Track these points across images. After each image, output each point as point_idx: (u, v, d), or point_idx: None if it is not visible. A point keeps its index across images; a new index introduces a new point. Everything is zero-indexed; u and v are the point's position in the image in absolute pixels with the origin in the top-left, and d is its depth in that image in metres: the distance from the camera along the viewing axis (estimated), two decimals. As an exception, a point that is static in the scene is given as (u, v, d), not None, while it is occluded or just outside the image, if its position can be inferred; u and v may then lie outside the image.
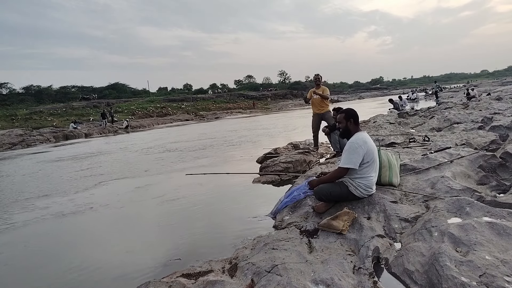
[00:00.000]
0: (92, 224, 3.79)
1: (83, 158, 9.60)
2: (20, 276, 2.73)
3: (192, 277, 2.11)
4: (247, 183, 4.92)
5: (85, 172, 7.19)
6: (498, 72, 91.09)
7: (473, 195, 2.74)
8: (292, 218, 2.95)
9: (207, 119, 27.69)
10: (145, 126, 23.53)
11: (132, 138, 15.61)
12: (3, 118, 24.43)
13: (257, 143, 9.35)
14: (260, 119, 22.04)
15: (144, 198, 4.68)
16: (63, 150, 13.07)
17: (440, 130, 7.27)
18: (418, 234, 2.17)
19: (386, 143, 5.57)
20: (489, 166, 3.45)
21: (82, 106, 31.99)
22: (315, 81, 6.33)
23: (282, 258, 2.10)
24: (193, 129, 17.95)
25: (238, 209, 3.81)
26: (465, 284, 1.57)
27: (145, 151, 10.07)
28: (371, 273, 1.94)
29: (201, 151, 8.90)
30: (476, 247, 1.83)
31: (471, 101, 12.69)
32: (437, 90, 25.64)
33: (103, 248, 3.14)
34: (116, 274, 2.56)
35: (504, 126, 5.90)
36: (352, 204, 2.77)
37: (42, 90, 41.77)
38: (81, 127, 21.58)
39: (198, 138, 12.54)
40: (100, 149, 11.78)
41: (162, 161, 7.69)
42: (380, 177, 3.02)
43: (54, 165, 8.78)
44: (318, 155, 6.11)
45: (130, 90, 51.40)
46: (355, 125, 2.81)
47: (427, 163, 3.58)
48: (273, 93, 49.03)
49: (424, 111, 11.83)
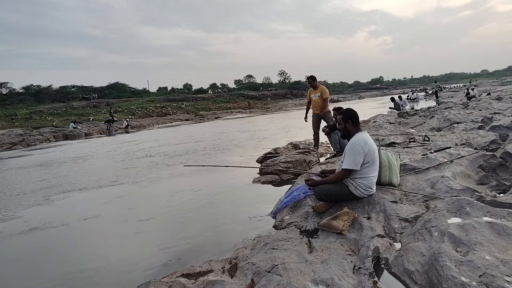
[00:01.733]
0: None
1: (54, 165, 8.59)
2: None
3: (192, 277, 2.12)
4: (247, 183, 4.92)
5: (38, 184, 6.22)
6: (498, 72, 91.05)
7: (473, 195, 2.74)
8: (292, 218, 2.95)
9: (207, 118, 27.68)
10: (145, 126, 23.52)
11: (122, 140, 14.52)
12: (3, 118, 24.42)
13: (246, 147, 8.65)
14: (256, 119, 22.00)
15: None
16: (44, 154, 11.78)
17: (440, 130, 7.27)
18: (418, 234, 2.17)
19: (386, 143, 5.57)
20: (489, 166, 3.45)
21: (82, 106, 31.96)
22: (309, 84, 6.44)
23: (282, 258, 2.10)
24: (190, 130, 17.93)
25: (238, 209, 3.81)
26: (465, 284, 1.57)
27: (129, 155, 9.15)
28: (371, 273, 1.94)
29: (190, 154, 8.32)
30: (476, 247, 1.83)
31: (471, 101, 12.69)
32: (437, 90, 25.63)
33: (103, 250, 3.14)
34: (116, 274, 2.56)
35: (504, 126, 5.89)
36: (352, 204, 2.77)
37: (42, 89, 41.73)
38: (81, 126, 21.59)
39: (189, 140, 11.75)
40: (85, 153, 10.78)
41: (136, 169, 6.80)
42: (380, 177, 3.02)
43: (12, 173, 7.77)
44: (318, 154, 6.12)
45: (130, 90, 51.34)
46: (355, 125, 2.80)
47: (427, 163, 3.58)
48: (273, 93, 49.00)
49: (424, 111, 11.84)
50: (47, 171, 7.69)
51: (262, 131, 13.20)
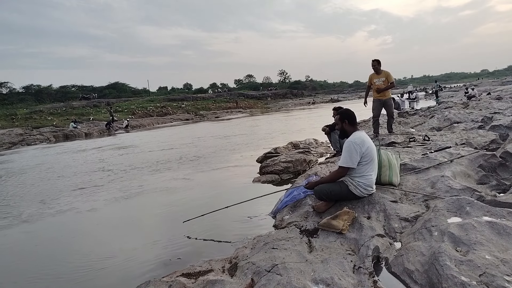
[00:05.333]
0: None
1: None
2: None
3: (192, 277, 2.12)
4: (247, 182, 4.92)
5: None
6: (498, 72, 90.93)
7: (473, 195, 2.74)
8: (292, 218, 2.95)
9: (207, 118, 27.68)
10: (145, 126, 23.52)
11: (106, 144, 13.18)
12: (3, 118, 24.40)
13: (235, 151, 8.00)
14: (242, 122, 21.99)
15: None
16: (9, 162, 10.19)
17: (440, 129, 7.26)
18: (418, 233, 2.17)
19: (386, 142, 5.57)
20: (489, 166, 3.45)
21: (82, 106, 31.91)
22: (372, 68, 5.85)
23: (282, 257, 2.10)
24: (185, 132, 17.90)
25: (238, 208, 3.80)
26: (465, 284, 1.57)
27: (89, 165, 7.96)
28: (371, 272, 1.94)
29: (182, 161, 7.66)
30: (476, 246, 1.83)
31: (471, 101, 12.69)
32: (437, 90, 25.62)
33: (104, 248, 3.14)
34: (116, 274, 2.57)
35: (504, 125, 5.89)
36: (352, 203, 2.77)
37: (42, 89, 41.72)
38: (81, 126, 21.58)
39: (180, 143, 11.11)
40: (38, 162, 9.40)
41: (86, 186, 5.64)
42: (380, 177, 3.03)
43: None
44: (318, 154, 6.10)
45: (130, 90, 51.30)
46: (351, 125, 2.83)
47: (427, 162, 3.58)
48: (273, 93, 48.96)
49: (424, 110, 11.83)
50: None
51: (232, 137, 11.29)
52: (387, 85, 5.74)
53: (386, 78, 5.74)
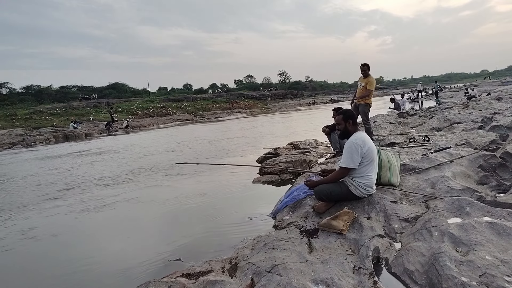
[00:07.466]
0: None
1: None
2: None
3: (192, 277, 2.12)
4: (247, 183, 4.92)
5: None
6: (498, 72, 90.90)
7: (473, 195, 2.74)
8: (292, 218, 2.95)
9: (207, 118, 27.68)
10: (145, 126, 23.52)
11: (90, 147, 12.48)
12: (3, 118, 24.40)
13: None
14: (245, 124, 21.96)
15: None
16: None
17: (440, 130, 7.26)
18: (418, 234, 2.17)
19: (386, 143, 5.57)
20: (489, 166, 3.45)
21: (82, 106, 31.91)
22: (361, 71, 5.71)
23: (282, 258, 2.10)
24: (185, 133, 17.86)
25: (238, 209, 3.81)
26: (465, 284, 1.57)
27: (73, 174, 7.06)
28: (371, 273, 1.94)
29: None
30: (476, 247, 1.83)
31: (471, 101, 12.69)
32: (437, 90, 25.62)
33: (104, 249, 3.14)
34: (116, 274, 2.56)
35: (504, 126, 5.89)
36: (352, 204, 2.77)
37: (42, 90, 41.71)
38: (81, 127, 21.58)
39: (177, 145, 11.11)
40: (13, 169, 8.61)
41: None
42: (380, 177, 3.03)
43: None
44: (318, 155, 6.11)
45: (130, 90, 51.28)
46: (354, 125, 2.84)
47: (427, 163, 3.58)
48: (273, 93, 48.94)
49: (424, 111, 11.83)
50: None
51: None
52: (365, 91, 5.60)
53: (366, 84, 5.58)
